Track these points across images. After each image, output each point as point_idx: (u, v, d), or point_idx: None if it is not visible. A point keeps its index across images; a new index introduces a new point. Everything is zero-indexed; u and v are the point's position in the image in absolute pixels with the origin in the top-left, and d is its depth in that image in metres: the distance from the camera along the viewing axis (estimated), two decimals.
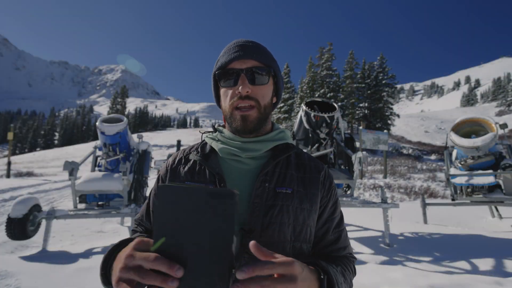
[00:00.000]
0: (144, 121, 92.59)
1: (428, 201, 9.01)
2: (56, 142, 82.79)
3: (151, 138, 40.75)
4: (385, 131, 15.72)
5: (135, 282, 0.51)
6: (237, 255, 0.73)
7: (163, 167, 0.93)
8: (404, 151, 24.90)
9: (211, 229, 0.48)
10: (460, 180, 5.68)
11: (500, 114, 55.23)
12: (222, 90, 0.85)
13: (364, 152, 4.63)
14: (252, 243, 0.52)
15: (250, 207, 0.76)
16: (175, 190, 0.49)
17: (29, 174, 15.29)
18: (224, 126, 0.93)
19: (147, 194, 5.89)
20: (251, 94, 0.79)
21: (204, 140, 0.93)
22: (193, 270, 0.48)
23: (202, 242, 0.48)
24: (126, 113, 66.74)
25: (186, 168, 0.86)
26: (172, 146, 31.33)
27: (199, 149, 0.90)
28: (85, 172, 5.43)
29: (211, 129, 0.94)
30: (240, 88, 0.78)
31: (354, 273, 0.85)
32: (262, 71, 0.81)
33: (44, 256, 3.83)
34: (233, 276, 0.49)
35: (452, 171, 5.89)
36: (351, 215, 6.78)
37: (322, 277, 0.63)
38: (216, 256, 0.48)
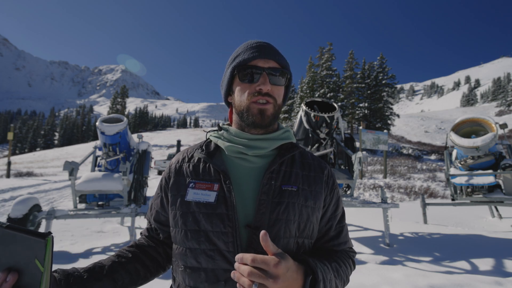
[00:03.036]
0: (144, 121, 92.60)
1: (428, 201, 9.02)
2: (56, 142, 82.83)
3: (151, 138, 40.78)
4: (385, 131, 15.70)
5: None
6: (245, 251, 0.75)
7: (167, 167, 0.93)
8: (404, 151, 24.90)
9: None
10: (460, 180, 5.68)
11: (500, 114, 55.24)
12: (239, 85, 0.85)
13: (364, 152, 4.62)
14: (262, 232, 0.61)
15: (256, 204, 0.78)
16: None
17: (29, 174, 15.29)
18: (229, 125, 0.94)
19: (147, 194, 5.89)
20: (270, 92, 0.82)
21: (208, 138, 0.94)
22: None
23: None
24: (126, 113, 66.76)
25: (191, 166, 0.87)
26: (172, 146, 31.35)
27: (203, 147, 0.90)
28: (85, 172, 5.43)
29: (215, 128, 0.95)
30: (262, 85, 0.81)
31: (353, 267, 0.89)
32: (281, 73, 0.85)
33: None
34: None
35: (452, 171, 5.89)
36: (351, 215, 6.78)
37: (308, 276, 0.67)
38: None
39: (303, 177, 0.85)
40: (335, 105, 5.10)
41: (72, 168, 4.67)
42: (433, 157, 23.06)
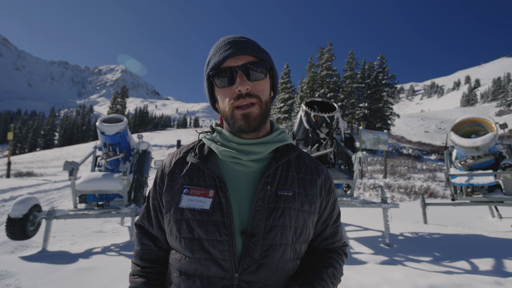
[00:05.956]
0: (144, 121, 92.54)
1: (428, 201, 9.02)
2: (56, 142, 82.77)
3: (151, 138, 40.74)
4: (385, 131, 15.70)
5: None
6: (239, 259, 0.73)
7: (158, 170, 0.89)
8: (404, 151, 24.89)
9: None
10: (460, 180, 5.68)
11: (500, 114, 55.21)
12: (219, 91, 0.80)
13: (364, 152, 4.62)
14: None
15: (252, 211, 0.75)
16: None
17: (29, 174, 15.27)
18: (221, 125, 0.91)
19: (147, 194, 5.88)
20: (251, 91, 0.76)
21: (201, 140, 0.90)
22: None
23: None
24: (126, 113, 66.74)
25: (184, 171, 0.83)
26: (172, 146, 31.34)
27: (196, 151, 0.85)
28: (85, 172, 5.42)
29: (208, 129, 0.91)
30: (239, 86, 0.74)
31: (346, 257, 0.93)
32: (258, 66, 0.77)
33: (44, 256, 3.83)
34: None
35: (452, 171, 5.88)
36: (351, 215, 6.77)
37: None
38: None
39: (299, 180, 0.82)
40: (335, 105, 5.10)
41: (72, 168, 4.67)
42: (433, 157, 23.05)
